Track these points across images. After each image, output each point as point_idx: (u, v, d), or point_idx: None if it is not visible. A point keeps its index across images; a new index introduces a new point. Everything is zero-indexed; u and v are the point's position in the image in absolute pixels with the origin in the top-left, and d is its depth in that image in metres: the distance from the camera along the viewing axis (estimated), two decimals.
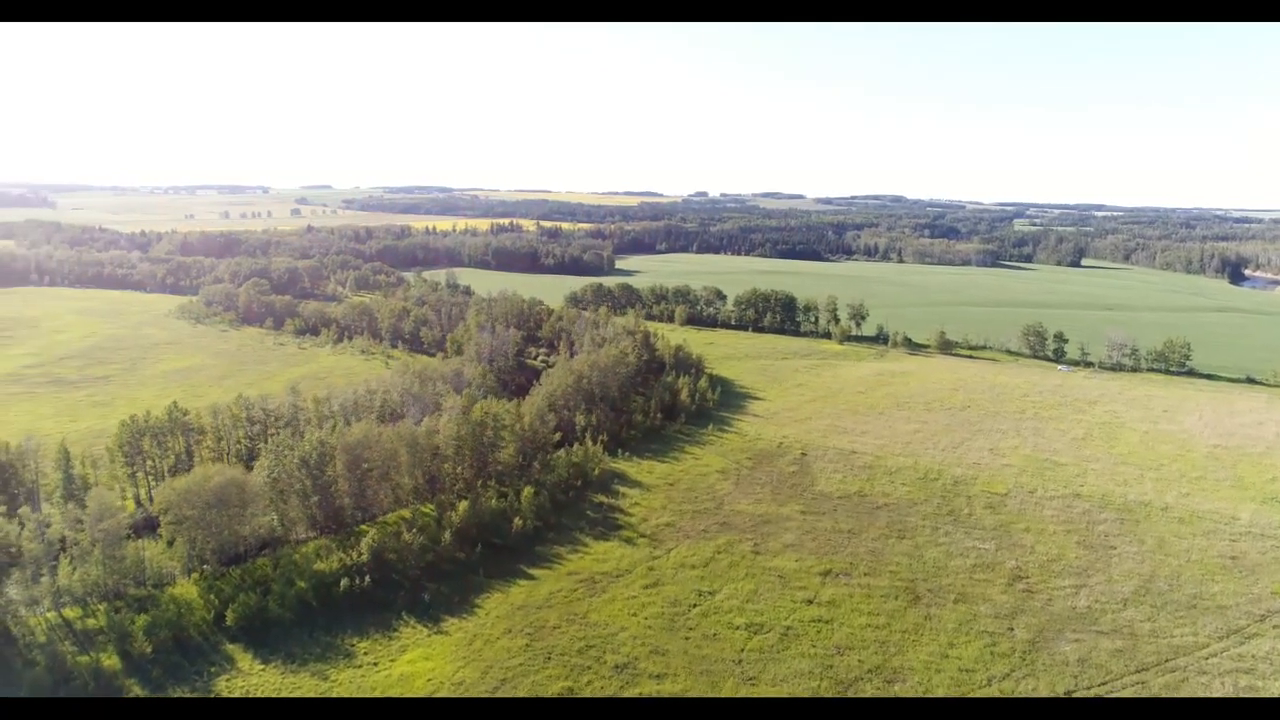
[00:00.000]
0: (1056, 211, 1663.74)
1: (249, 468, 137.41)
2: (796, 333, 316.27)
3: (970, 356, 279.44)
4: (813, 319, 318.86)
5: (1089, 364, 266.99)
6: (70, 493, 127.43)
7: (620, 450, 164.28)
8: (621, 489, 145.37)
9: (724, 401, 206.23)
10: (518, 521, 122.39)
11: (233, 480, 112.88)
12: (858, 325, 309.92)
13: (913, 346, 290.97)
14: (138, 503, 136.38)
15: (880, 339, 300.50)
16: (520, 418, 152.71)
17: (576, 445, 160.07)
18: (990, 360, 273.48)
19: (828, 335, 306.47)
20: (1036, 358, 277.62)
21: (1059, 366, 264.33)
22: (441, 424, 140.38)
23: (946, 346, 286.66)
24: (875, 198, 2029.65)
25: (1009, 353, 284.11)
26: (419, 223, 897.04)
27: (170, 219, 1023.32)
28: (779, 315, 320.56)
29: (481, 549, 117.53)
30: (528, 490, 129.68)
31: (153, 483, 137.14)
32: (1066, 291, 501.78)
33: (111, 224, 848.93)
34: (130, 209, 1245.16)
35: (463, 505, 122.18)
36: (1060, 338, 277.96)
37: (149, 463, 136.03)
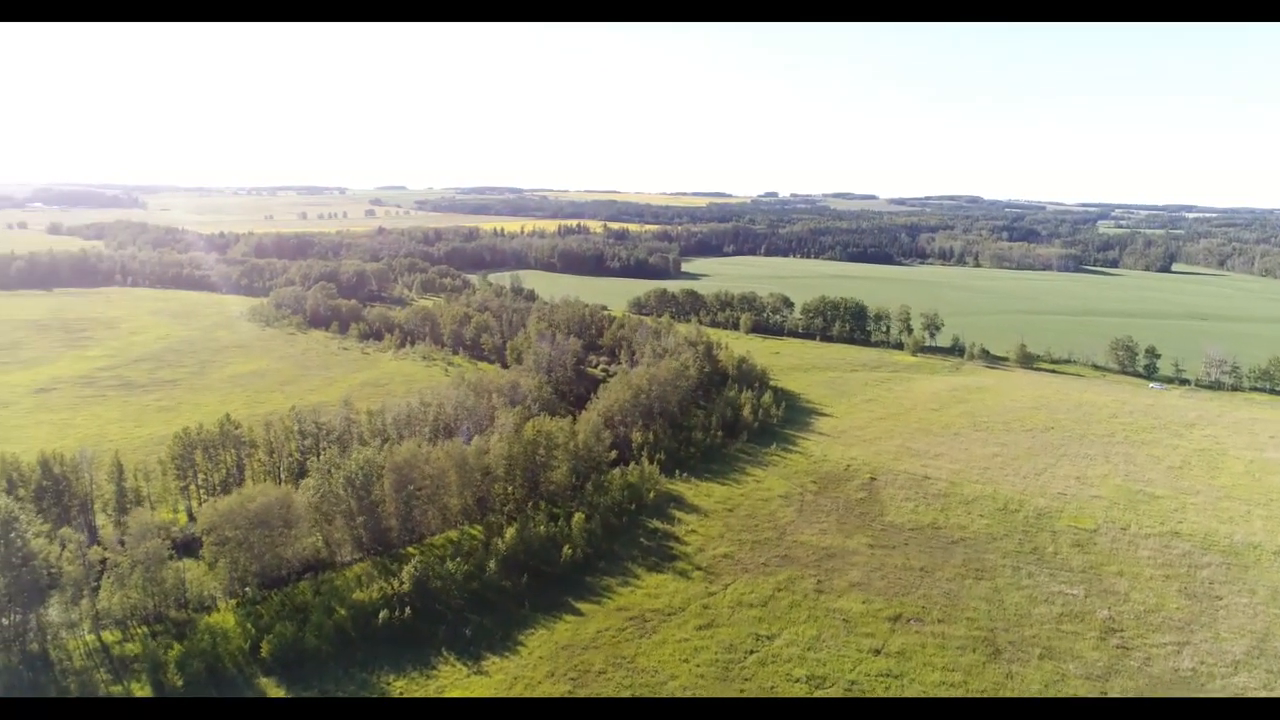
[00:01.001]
0: (1144, 213, 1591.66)
1: (299, 482, 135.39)
2: (867, 343, 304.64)
3: (1053, 371, 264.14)
4: (884, 328, 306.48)
5: (1184, 382, 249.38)
6: (122, 506, 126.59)
7: (678, 470, 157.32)
8: (678, 514, 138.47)
9: (789, 418, 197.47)
10: (566, 550, 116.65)
11: (277, 500, 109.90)
12: (931, 336, 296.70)
13: (990, 359, 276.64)
14: (190, 516, 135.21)
15: (955, 350, 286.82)
16: (574, 435, 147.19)
17: (632, 464, 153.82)
18: (1075, 376, 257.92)
19: (900, 346, 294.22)
20: (1126, 374, 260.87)
21: (1151, 384, 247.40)
22: (492, 443, 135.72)
23: (1027, 360, 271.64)
24: (951, 198, 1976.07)
25: (1095, 368, 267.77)
26: (488, 224, 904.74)
27: (250, 219, 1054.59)
28: (848, 324, 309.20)
29: (528, 578, 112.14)
30: (578, 517, 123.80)
31: (204, 496, 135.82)
32: (1157, 300, 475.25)
33: (195, 224, 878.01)
34: (214, 209, 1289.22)
35: (510, 532, 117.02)
36: (1152, 352, 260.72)
37: (200, 476, 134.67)
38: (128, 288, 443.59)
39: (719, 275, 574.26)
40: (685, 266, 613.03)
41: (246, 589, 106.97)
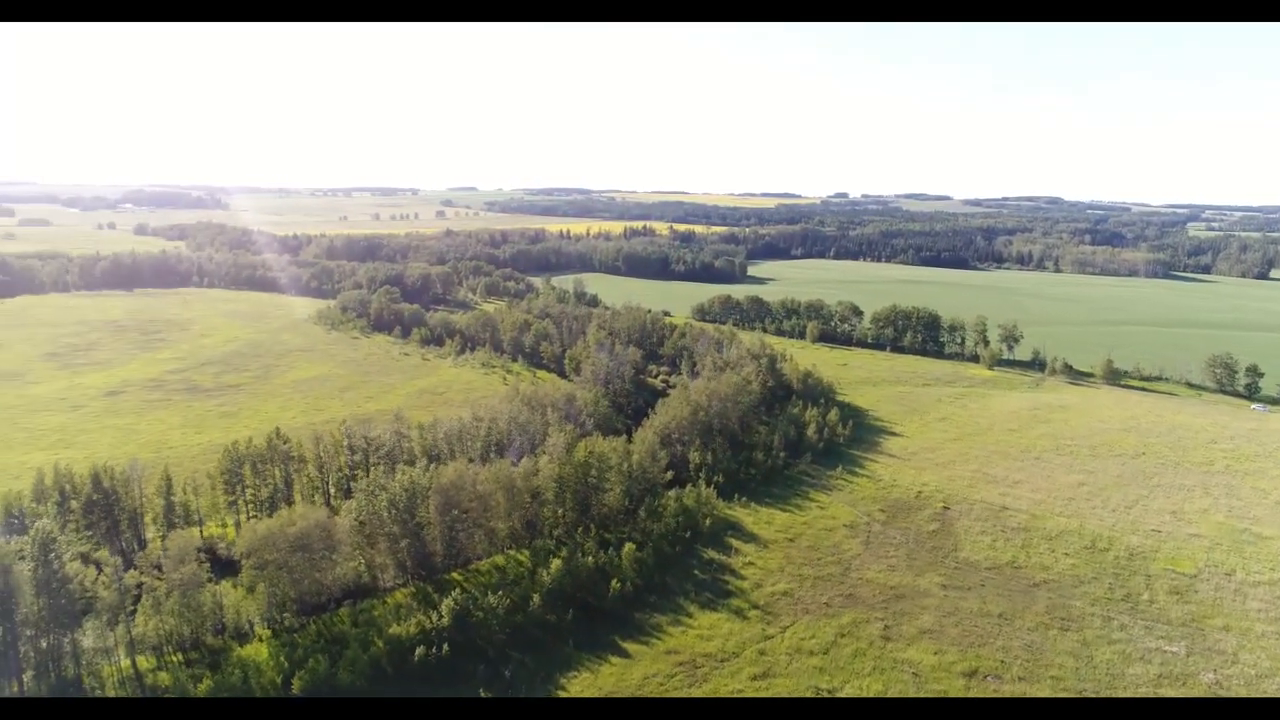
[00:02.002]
0: (1238, 214, 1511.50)
1: (346, 499, 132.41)
2: (940, 354, 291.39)
3: (1143, 389, 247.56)
4: (958, 340, 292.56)
5: None
6: (170, 521, 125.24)
7: (736, 494, 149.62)
8: (735, 543, 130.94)
9: (856, 436, 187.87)
10: (615, 584, 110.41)
11: (318, 524, 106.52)
12: (1009, 348, 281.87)
13: (1074, 374, 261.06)
14: (238, 529, 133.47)
15: (1035, 364, 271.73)
16: (629, 455, 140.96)
17: (689, 487, 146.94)
18: (1168, 394, 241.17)
19: (975, 359, 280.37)
20: (1224, 393, 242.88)
21: (1253, 405, 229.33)
22: (542, 464, 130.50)
23: (1114, 376, 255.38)
24: (1029, 199, 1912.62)
25: (1190, 386, 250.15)
26: (554, 225, 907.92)
27: (325, 220, 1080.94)
28: (920, 335, 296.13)
29: (574, 613, 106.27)
30: (629, 547, 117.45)
31: (252, 511, 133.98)
32: (1256, 310, 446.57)
33: (272, 225, 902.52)
34: (292, 210, 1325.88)
35: (556, 563, 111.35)
36: (1254, 370, 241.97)
37: (248, 491, 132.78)
38: (203, 289, 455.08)
39: (786, 279, 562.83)
40: (751, 270, 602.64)
41: (285, 615, 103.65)
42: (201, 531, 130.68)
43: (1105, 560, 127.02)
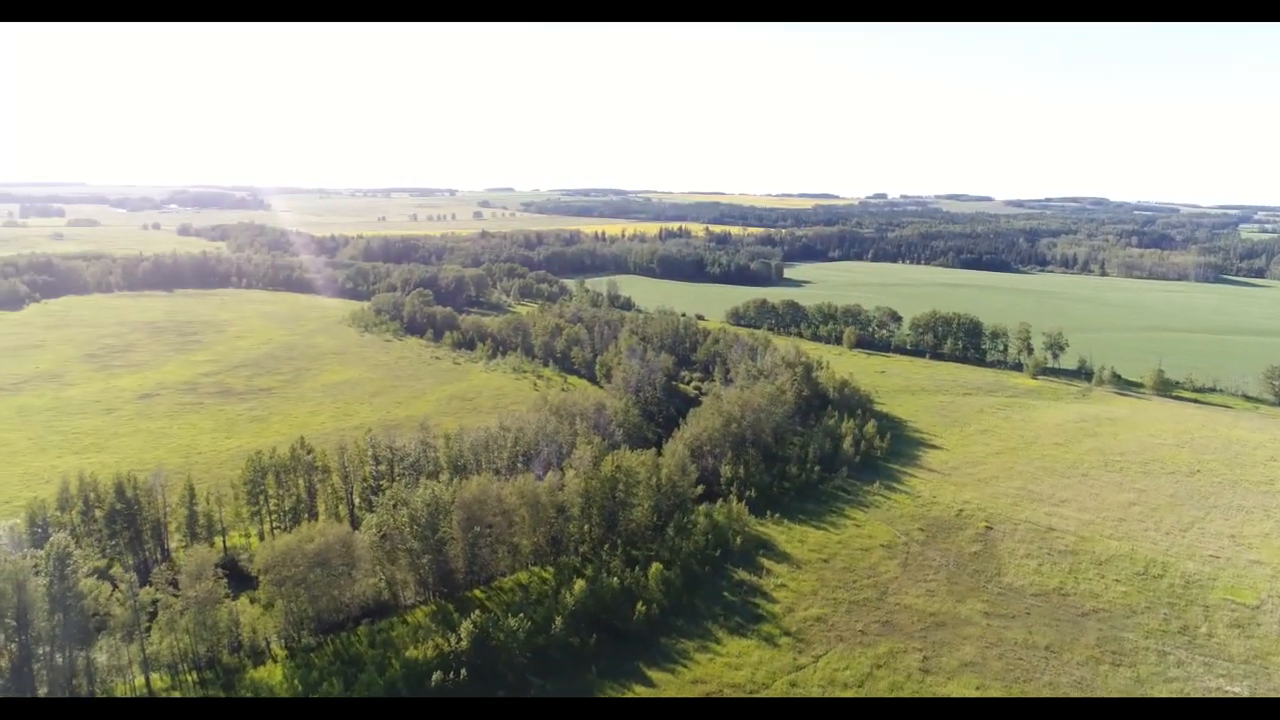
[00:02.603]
0: None
1: (372, 508, 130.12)
2: (981, 362, 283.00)
3: (1196, 401, 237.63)
4: (1001, 347, 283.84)
5: None
6: (193, 531, 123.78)
7: (769, 510, 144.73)
8: (767, 563, 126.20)
9: (894, 449, 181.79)
10: (640, 608, 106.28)
11: (337, 540, 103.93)
12: (1054, 356, 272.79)
13: (1122, 384, 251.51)
14: (262, 540, 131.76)
15: (1082, 374, 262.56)
16: (658, 469, 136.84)
17: (720, 502, 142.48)
18: (1222, 407, 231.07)
19: (1018, 367, 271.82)
20: None
21: None
22: (568, 479, 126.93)
23: (1164, 387, 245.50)
24: (1073, 200, 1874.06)
25: (1247, 398, 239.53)
26: (590, 227, 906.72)
27: (364, 221, 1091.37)
28: (961, 342, 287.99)
29: (598, 637, 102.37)
30: (656, 567, 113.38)
31: (275, 521, 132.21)
32: None
33: (312, 225, 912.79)
34: (332, 210, 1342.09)
35: (580, 584, 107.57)
36: None
37: (271, 502, 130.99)
38: (241, 290, 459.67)
39: (823, 282, 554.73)
40: (788, 272, 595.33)
41: (302, 633, 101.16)
42: (225, 542, 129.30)
43: (1159, 588, 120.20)
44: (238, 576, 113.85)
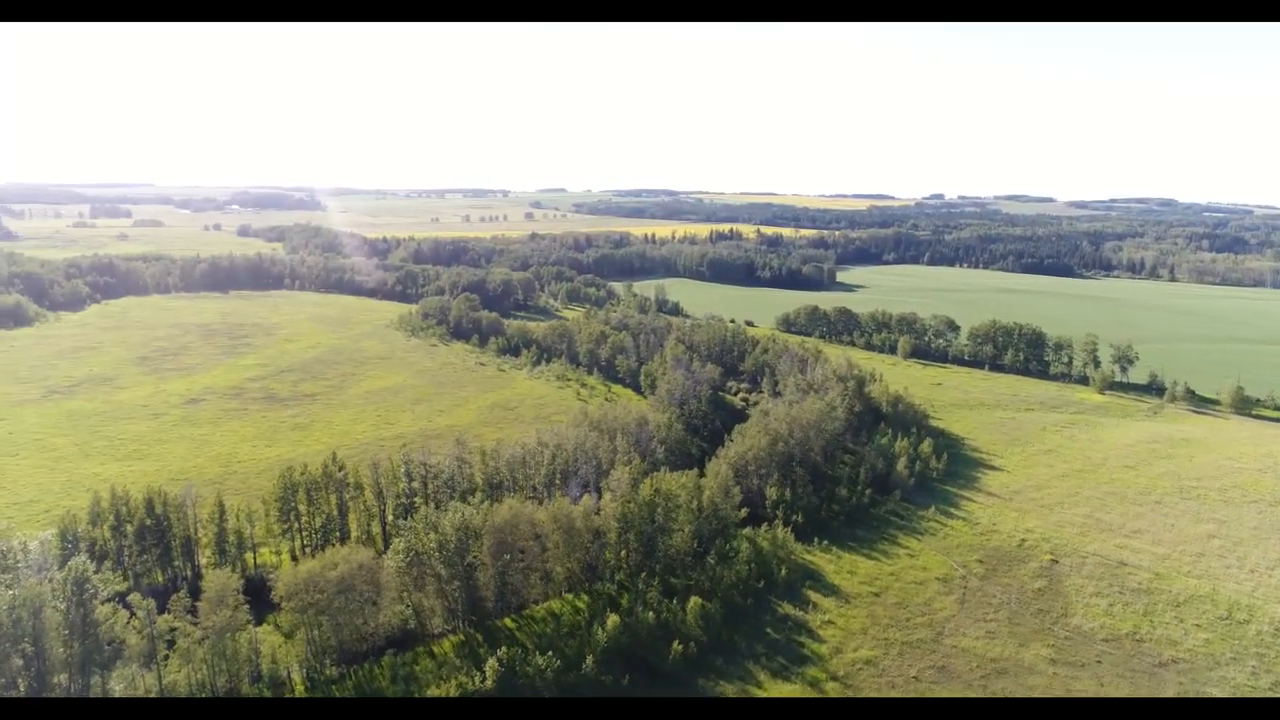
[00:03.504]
0: None
1: (400, 528, 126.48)
2: (1044, 374, 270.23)
3: (1279, 420, 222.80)
4: (1065, 359, 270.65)
5: None
6: (222, 550, 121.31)
7: (817, 536, 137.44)
8: (813, 596, 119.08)
9: (951, 470, 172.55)
10: (676, 646, 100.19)
11: (362, 566, 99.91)
12: (1123, 369, 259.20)
13: (1197, 402, 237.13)
14: (294, 558, 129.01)
15: (1153, 389, 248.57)
16: (699, 491, 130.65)
17: (764, 526, 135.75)
18: None
19: (1084, 380, 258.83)
20: None
21: None
22: (604, 502, 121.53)
23: (1244, 405, 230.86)
24: (1139, 201, 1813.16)
25: None
26: (639, 229, 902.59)
27: (417, 222, 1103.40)
28: (1023, 353, 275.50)
29: (631, 677, 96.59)
30: (694, 602, 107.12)
31: (306, 539, 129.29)
32: None
33: (367, 226, 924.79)
34: (388, 211, 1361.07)
35: (613, 620, 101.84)
36: None
37: (303, 520, 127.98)
38: (295, 291, 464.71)
39: (877, 287, 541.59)
40: (841, 276, 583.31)
41: (325, 664, 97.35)
42: (255, 559, 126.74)
43: (1246, 636, 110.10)
44: (264, 601, 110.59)
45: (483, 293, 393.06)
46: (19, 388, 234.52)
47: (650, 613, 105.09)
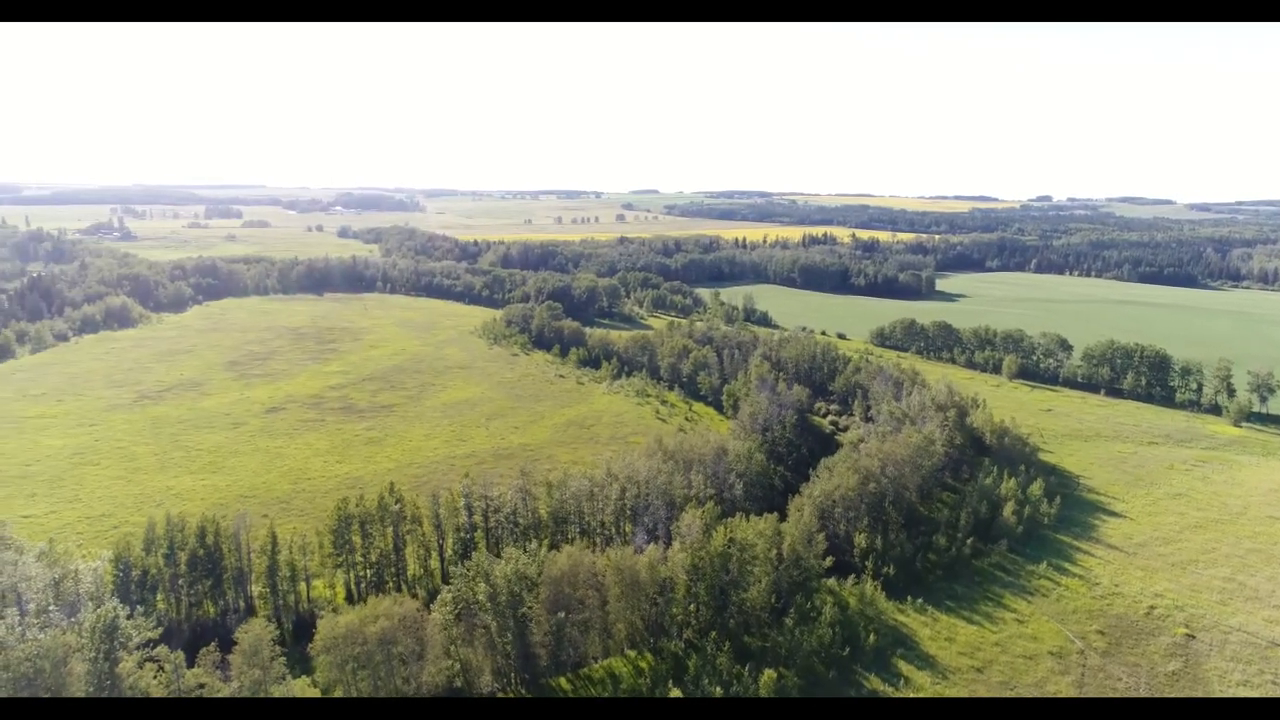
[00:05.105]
0: None
1: (463, 559, 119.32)
2: (1169, 402, 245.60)
3: None
4: (1193, 385, 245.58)
5: None
6: (274, 584, 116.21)
7: (910, 592, 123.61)
8: (905, 668, 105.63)
9: (1065, 514, 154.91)
10: None
11: (404, 620, 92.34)
12: (1263, 400, 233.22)
13: None
14: (348, 592, 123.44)
15: None
16: (779, 538, 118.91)
17: (851, 579, 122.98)
18: None
19: (1216, 409, 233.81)
20: None
21: None
22: (672, 551, 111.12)
23: None
24: (1269, 203, 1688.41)
25: None
26: (730, 232, 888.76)
27: (511, 224, 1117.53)
28: (1144, 377, 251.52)
29: None
30: (768, 676, 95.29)
31: (359, 573, 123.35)
32: None
33: (462, 228, 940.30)
34: (482, 213, 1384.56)
35: (675, 694, 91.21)
36: None
37: (357, 554, 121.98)
38: (386, 295, 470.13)
39: (978, 296, 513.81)
40: (940, 284, 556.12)
41: None
42: (308, 590, 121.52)
43: None
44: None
45: (567, 299, 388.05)
46: (113, 392, 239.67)
47: (718, 687, 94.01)
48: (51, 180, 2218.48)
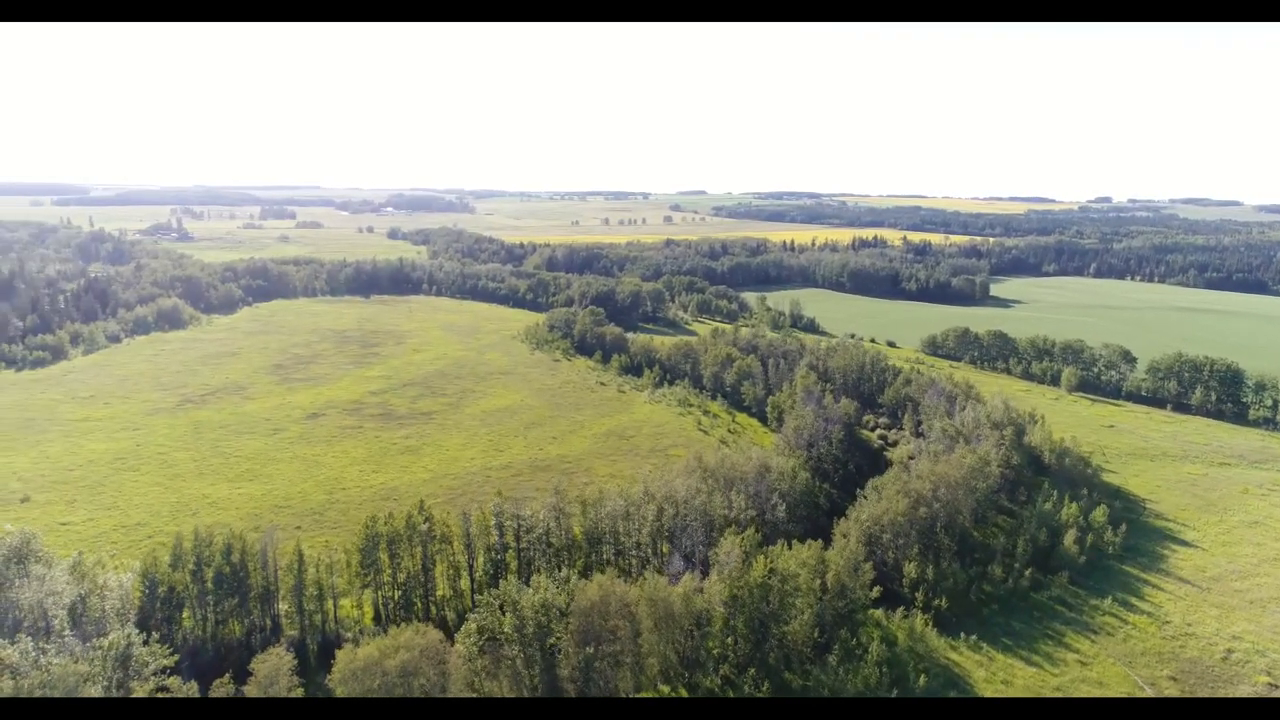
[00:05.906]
0: None
1: (495, 581, 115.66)
2: (1241, 419, 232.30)
3: None
4: (1269, 402, 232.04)
5: None
6: (300, 604, 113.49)
7: (963, 628, 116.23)
8: None
9: (1131, 542, 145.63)
10: None
11: (425, 653, 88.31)
12: None
13: None
14: (376, 612, 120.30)
15: None
16: (824, 568, 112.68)
17: (900, 612, 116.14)
18: None
19: None
20: None
21: None
22: (710, 581, 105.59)
23: None
24: None
25: None
26: (778, 234, 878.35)
27: (558, 225, 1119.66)
28: (1214, 392, 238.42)
29: None
30: None
31: (387, 592, 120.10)
32: None
33: (510, 229, 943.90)
34: (530, 214, 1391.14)
35: None
36: None
37: (384, 574, 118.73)
38: (431, 297, 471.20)
39: (1035, 303, 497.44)
40: (995, 289, 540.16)
41: None
42: (335, 609, 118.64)
43: None
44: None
45: (611, 304, 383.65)
46: (158, 395, 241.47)
47: None
48: (117, 181, 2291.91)
